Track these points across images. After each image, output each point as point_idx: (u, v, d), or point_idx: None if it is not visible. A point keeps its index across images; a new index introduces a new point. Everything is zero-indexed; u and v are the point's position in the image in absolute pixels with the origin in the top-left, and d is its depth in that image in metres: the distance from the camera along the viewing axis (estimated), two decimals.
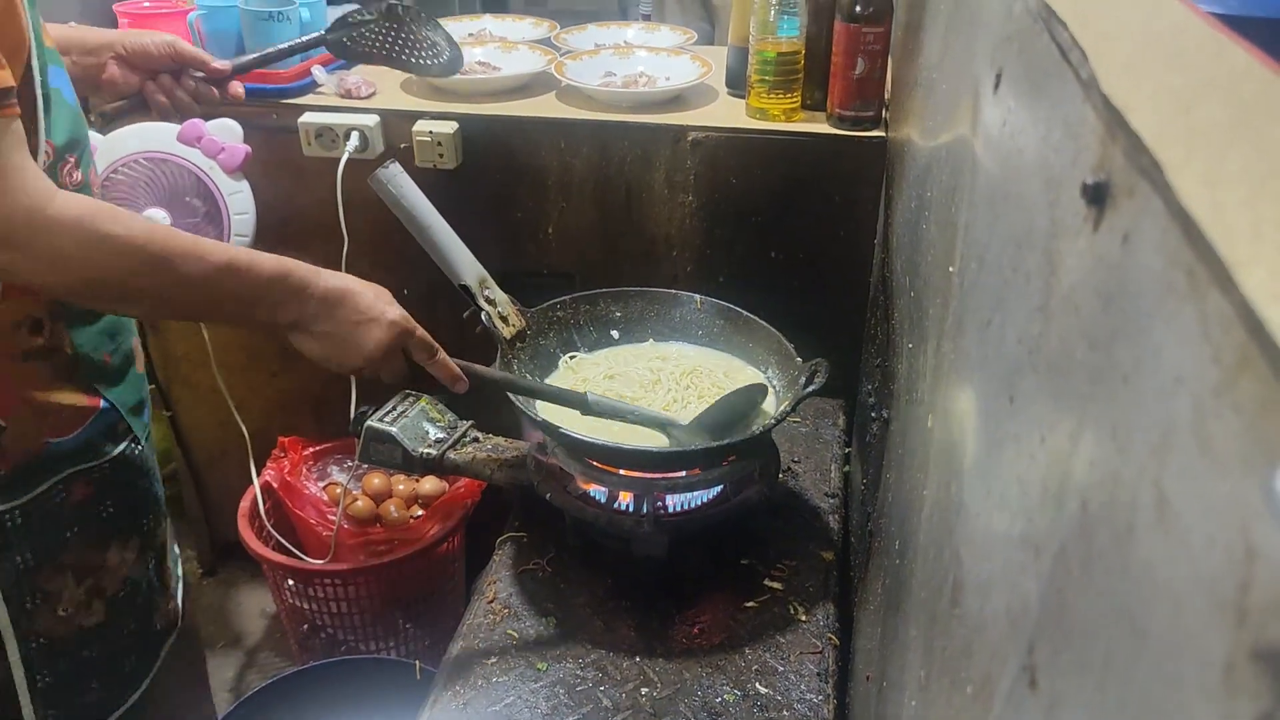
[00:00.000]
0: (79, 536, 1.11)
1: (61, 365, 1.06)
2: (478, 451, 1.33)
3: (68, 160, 1.02)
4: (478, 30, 2.14)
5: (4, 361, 1.01)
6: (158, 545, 1.24)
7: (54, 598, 1.10)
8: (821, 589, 1.27)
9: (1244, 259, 0.27)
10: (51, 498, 1.07)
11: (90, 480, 1.12)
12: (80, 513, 1.11)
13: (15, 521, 1.05)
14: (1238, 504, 0.24)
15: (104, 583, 1.15)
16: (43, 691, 1.12)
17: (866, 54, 1.58)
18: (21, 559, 1.06)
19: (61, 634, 1.12)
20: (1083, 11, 0.49)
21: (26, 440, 1.04)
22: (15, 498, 1.04)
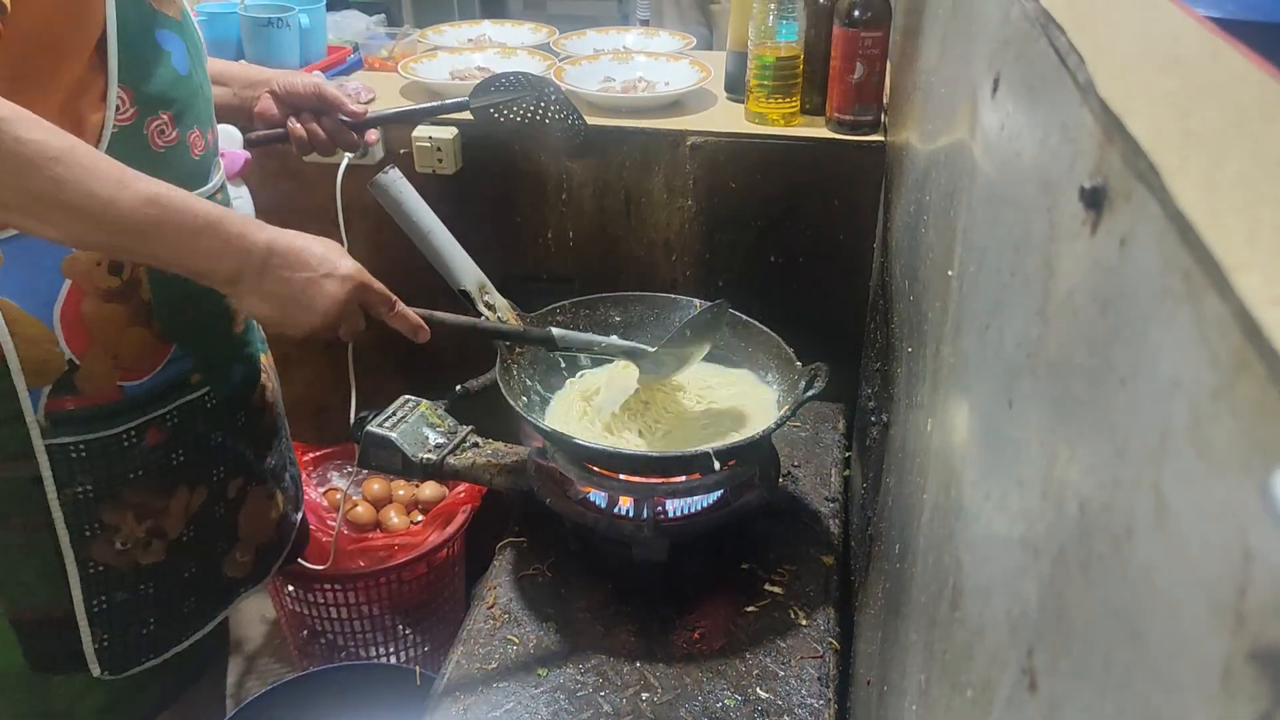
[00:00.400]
0: (143, 479, 1.15)
1: (138, 309, 1.10)
2: (477, 456, 1.33)
3: (159, 115, 1.06)
4: (477, 36, 2.14)
5: (88, 299, 1.06)
6: (229, 498, 1.27)
7: (112, 530, 1.14)
8: (822, 593, 1.27)
9: (1240, 263, 0.27)
10: (121, 440, 1.12)
11: (163, 428, 1.16)
12: (149, 457, 1.15)
13: (80, 453, 1.10)
14: (1235, 507, 0.25)
15: (165, 526, 1.19)
16: (99, 616, 1.16)
17: (865, 58, 1.58)
18: (82, 489, 1.11)
19: (119, 565, 1.16)
20: (1080, 16, 0.49)
21: (99, 379, 1.09)
22: (83, 433, 1.09)
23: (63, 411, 1.07)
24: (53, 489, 1.09)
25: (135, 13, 1.02)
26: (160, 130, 1.07)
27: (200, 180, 1.14)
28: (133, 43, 1.02)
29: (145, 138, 1.05)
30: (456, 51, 1.99)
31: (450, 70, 1.90)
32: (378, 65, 1.99)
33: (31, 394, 1.05)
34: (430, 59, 1.93)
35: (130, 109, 1.03)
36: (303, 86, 1.31)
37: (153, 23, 1.05)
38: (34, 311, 1.03)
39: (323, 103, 1.32)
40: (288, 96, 1.31)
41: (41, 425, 1.07)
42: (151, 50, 1.05)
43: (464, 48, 2.03)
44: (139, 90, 1.04)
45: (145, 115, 1.05)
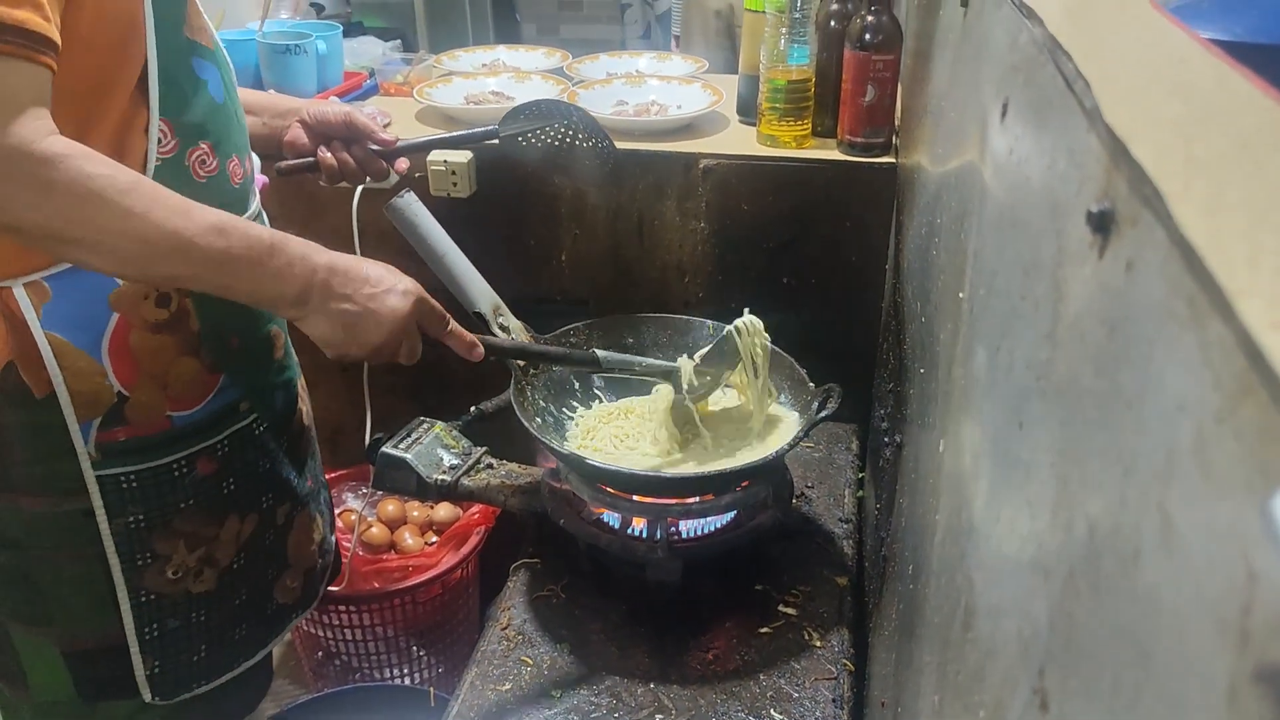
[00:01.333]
0: (195, 507, 1.16)
1: (187, 339, 1.12)
2: (491, 478, 1.33)
3: (199, 145, 1.08)
4: (491, 61, 2.16)
5: (135, 332, 1.07)
6: (278, 525, 1.28)
7: (164, 560, 1.15)
8: (836, 614, 1.27)
9: (1242, 288, 0.27)
10: (172, 470, 1.13)
11: (214, 457, 1.17)
12: (200, 486, 1.16)
13: (130, 484, 1.11)
14: (1239, 528, 0.25)
15: (217, 554, 1.20)
16: (150, 644, 1.17)
17: (876, 81, 1.59)
18: (134, 519, 1.12)
19: (171, 594, 1.17)
20: (1087, 42, 0.49)
21: (149, 410, 1.10)
22: (134, 464, 1.10)
23: (114, 443, 1.08)
24: (104, 519, 1.10)
25: (173, 44, 1.03)
26: (201, 160, 1.08)
27: (240, 208, 1.15)
28: (171, 75, 1.03)
29: (188, 169, 1.07)
30: (471, 76, 2.01)
31: (465, 95, 1.91)
32: (393, 90, 2.01)
33: (82, 427, 1.06)
34: (445, 84, 1.95)
35: (171, 140, 1.05)
36: (333, 115, 1.31)
37: (189, 52, 1.06)
38: (83, 345, 1.04)
39: (353, 131, 1.31)
40: (318, 125, 1.31)
41: (92, 457, 1.08)
42: (189, 81, 1.06)
43: (478, 72, 2.05)
44: (179, 121, 1.05)
45: (186, 146, 1.06)
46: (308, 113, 1.31)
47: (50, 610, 1.14)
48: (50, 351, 1.03)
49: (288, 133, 1.31)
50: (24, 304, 1.01)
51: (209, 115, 1.09)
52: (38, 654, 1.16)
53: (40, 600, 1.14)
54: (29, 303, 1.01)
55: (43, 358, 1.03)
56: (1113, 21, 0.56)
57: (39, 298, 1.02)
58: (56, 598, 1.13)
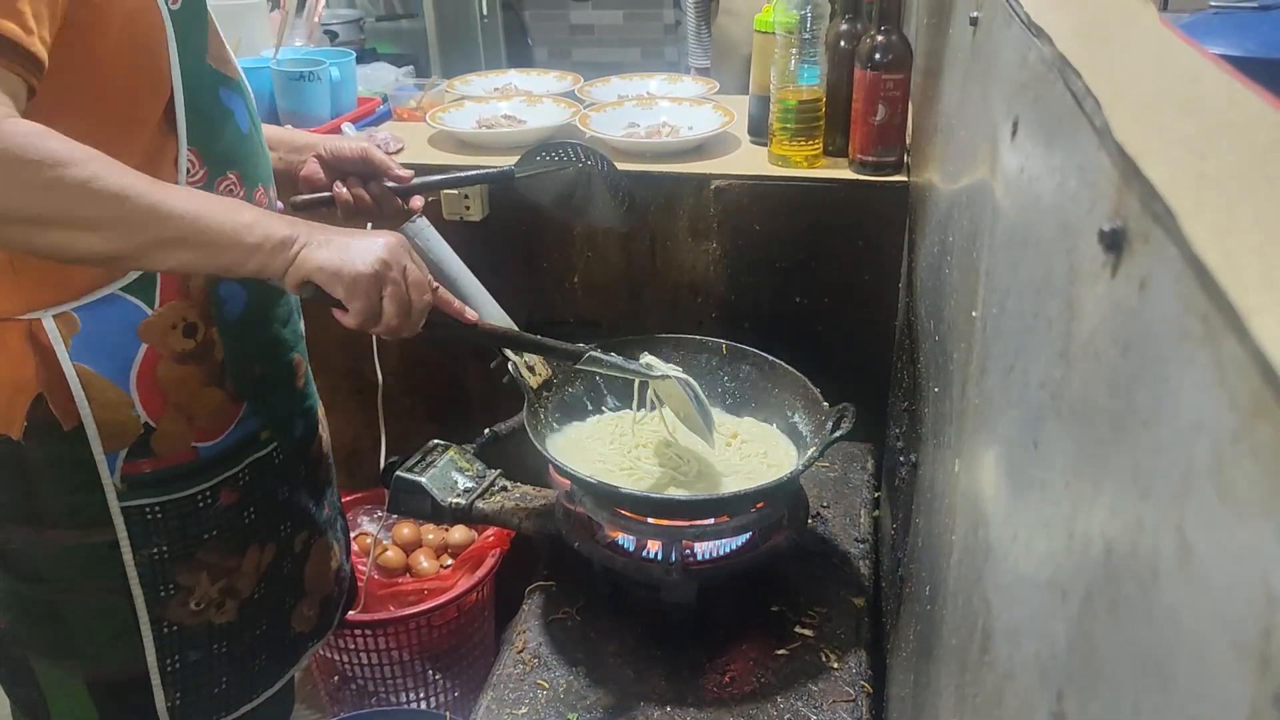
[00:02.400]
0: (217, 538, 1.17)
1: (212, 370, 1.12)
2: (506, 500, 1.33)
3: (227, 175, 1.09)
4: (503, 85, 2.18)
5: (163, 362, 1.08)
6: (295, 553, 1.28)
7: (187, 591, 1.16)
8: (853, 636, 1.26)
9: (1256, 306, 0.27)
10: (196, 501, 1.14)
11: (236, 487, 1.18)
12: (223, 517, 1.17)
13: (155, 515, 1.11)
14: (1258, 550, 0.25)
15: (238, 585, 1.20)
16: (172, 675, 1.17)
17: (887, 100, 1.60)
18: (158, 550, 1.12)
19: (193, 625, 1.17)
20: (1096, 60, 0.49)
21: (174, 441, 1.11)
22: (159, 495, 1.11)
23: (139, 474, 1.09)
24: (129, 551, 1.10)
25: (197, 72, 1.04)
26: (229, 190, 1.09)
27: None
28: (199, 104, 1.04)
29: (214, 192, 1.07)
30: (483, 100, 2.02)
31: (477, 119, 1.93)
32: (406, 115, 2.02)
33: (109, 458, 1.07)
34: (458, 108, 1.96)
35: (200, 170, 1.05)
36: (350, 150, 1.31)
37: (216, 82, 1.07)
38: (110, 376, 1.05)
39: (369, 167, 1.31)
40: (335, 160, 1.30)
41: (118, 488, 1.08)
42: (217, 110, 1.07)
43: (490, 96, 2.06)
44: (207, 150, 1.05)
45: (214, 176, 1.07)
46: (324, 148, 1.31)
47: (76, 642, 1.14)
48: (79, 383, 1.03)
49: (304, 168, 1.31)
50: (53, 335, 1.02)
51: (236, 145, 1.10)
52: (61, 687, 1.16)
53: (65, 633, 1.14)
54: (58, 334, 1.02)
55: (71, 389, 1.03)
56: (1122, 39, 0.56)
57: (68, 329, 1.02)
58: (82, 630, 1.13)
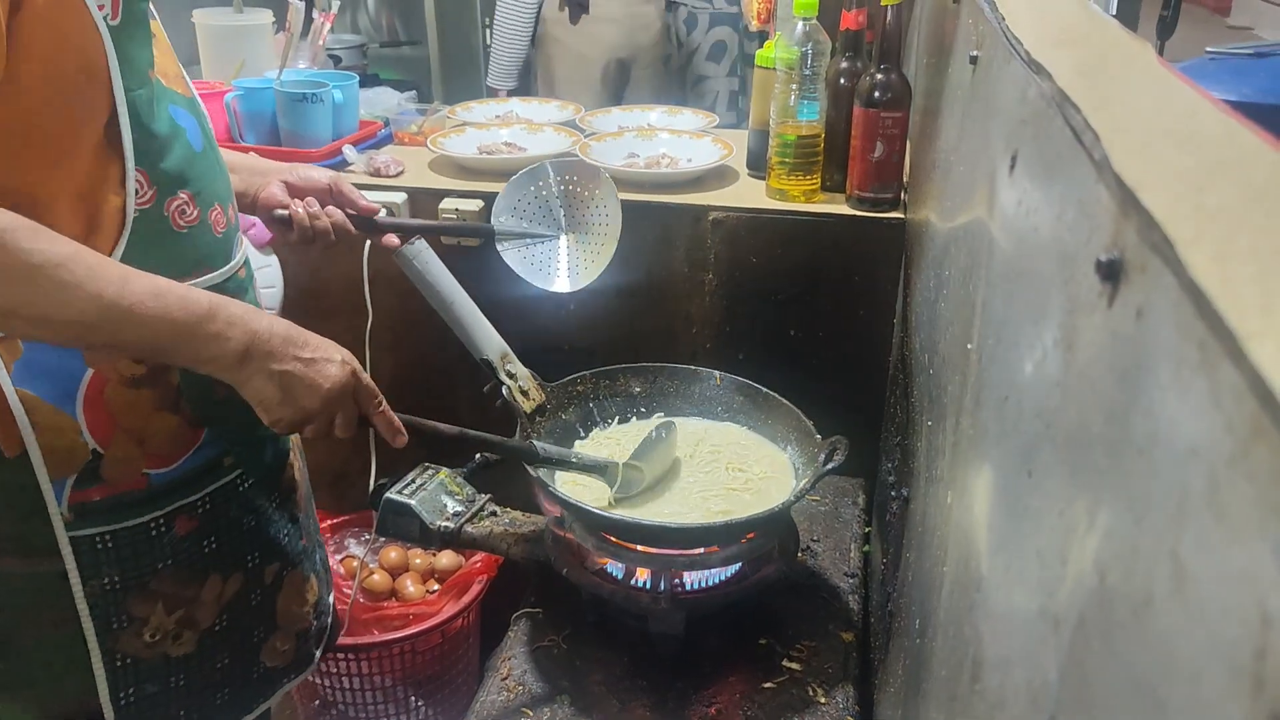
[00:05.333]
0: (174, 568, 1.12)
1: (166, 394, 1.08)
2: (495, 525, 1.33)
3: (178, 195, 1.04)
4: (504, 112, 2.19)
5: (111, 386, 1.03)
6: (266, 584, 1.23)
7: (140, 623, 1.11)
8: (841, 670, 1.25)
9: (1254, 331, 0.27)
10: (149, 529, 1.09)
11: (193, 515, 1.13)
12: (179, 546, 1.12)
13: (106, 545, 1.07)
14: (1253, 573, 0.25)
15: (197, 615, 1.16)
16: (126, 709, 1.13)
17: (885, 138, 1.61)
18: (109, 581, 1.08)
19: (148, 658, 1.13)
20: (1096, 96, 0.50)
21: (125, 469, 1.06)
22: (109, 523, 1.06)
23: (88, 502, 1.05)
24: (78, 582, 1.06)
25: (146, 92, 1.00)
26: (181, 210, 1.05)
27: (223, 259, 1.12)
28: (145, 122, 1.00)
29: (167, 219, 1.03)
30: (484, 127, 2.03)
31: (478, 145, 1.94)
32: (408, 140, 2.03)
33: (55, 485, 1.03)
34: (459, 134, 1.97)
35: (149, 190, 1.01)
36: (319, 178, 1.30)
37: (164, 99, 1.03)
38: (56, 401, 1.01)
39: (336, 199, 1.30)
40: (302, 185, 1.29)
41: (66, 518, 1.04)
42: (167, 127, 1.03)
43: (491, 123, 2.07)
44: (155, 170, 1.01)
45: (164, 196, 1.03)
46: (294, 174, 1.29)
47: (29, 675, 1.09)
48: (21, 409, 0.99)
49: (265, 190, 1.28)
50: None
51: (188, 163, 1.06)
52: None
53: (18, 665, 1.09)
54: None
55: (14, 415, 0.99)
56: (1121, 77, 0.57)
57: (10, 354, 0.98)
58: (34, 662, 1.09)
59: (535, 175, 1.43)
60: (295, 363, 1.01)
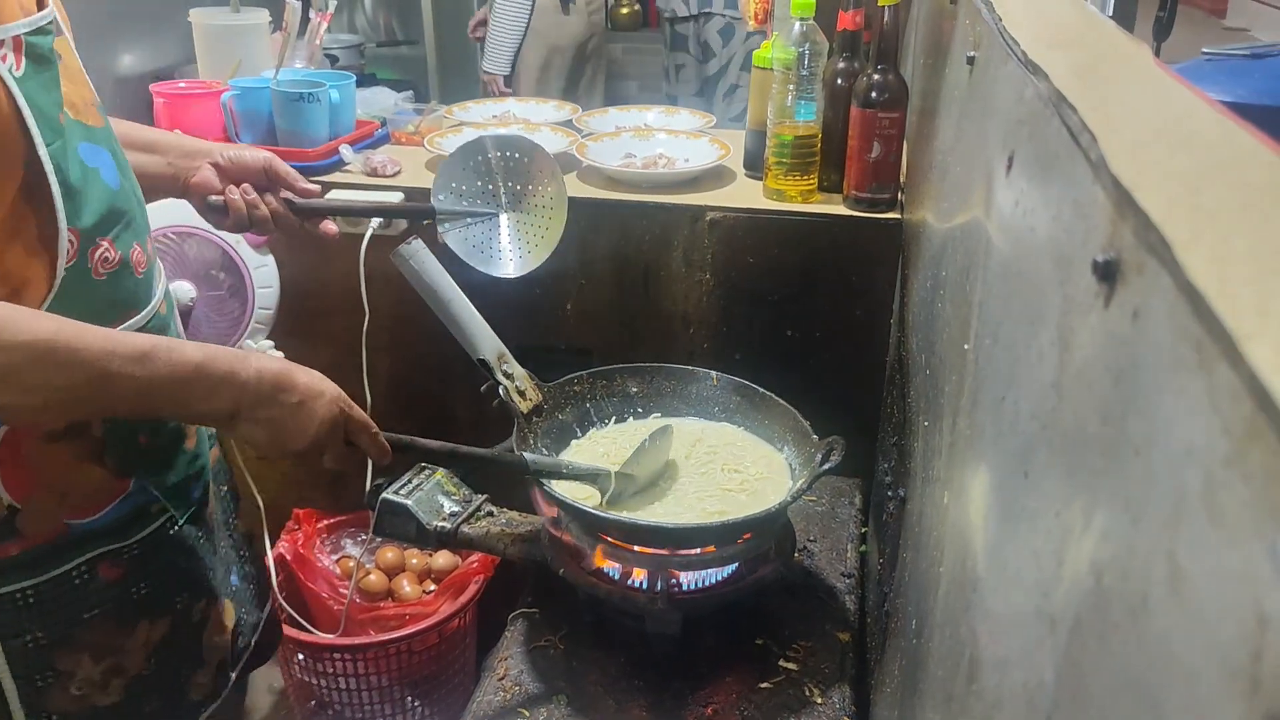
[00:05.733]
0: (101, 617, 1.06)
1: (88, 447, 1.02)
2: (491, 525, 1.33)
3: (99, 243, 0.99)
4: (501, 112, 2.19)
5: (27, 443, 0.98)
6: (195, 622, 1.18)
7: (67, 677, 1.05)
8: (838, 671, 1.25)
9: (1250, 332, 0.27)
10: (72, 578, 1.03)
11: (119, 561, 1.07)
12: (106, 593, 1.06)
13: (28, 600, 1.01)
14: (1249, 573, 0.25)
15: (125, 663, 1.10)
16: None
17: (882, 138, 1.61)
18: (32, 638, 1.02)
19: (75, 711, 1.07)
20: (1092, 96, 0.50)
21: (44, 521, 1.00)
22: (29, 577, 1.00)
23: (5, 559, 0.98)
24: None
25: (60, 143, 0.93)
26: (104, 258, 0.99)
27: (145, 299, 1.06)
28: (66, 175, 0.93)
29: (88, 270, 0.98)
30: (481, 127, 2.03)
31: None
32: (404, 140, 2.03)
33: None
34: (455, 134, 1.97)
35: (75, 246, 0.95)
36: (251, 159, 1.25)
37: (75, 138, 0.96)
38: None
39: (271, 179, 1.26)
40: (233, 168, 1.24)
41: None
42: (78, 175, 0.96)
43: (488, 123, 2.07)
44: (77, 222, 0.95)
45: (86, 246, 0.97)
46: (222, 155, 1.24)
47: None
48: None
49: (196, 174, 1.23)
50: None
51: (108, 205, 1.00)
52: None
53: None
54: None
55: None
56: (1118, 78, 0.57)
57: None
58: None
59: (473, 149, 1.40)
60: (284, 407, 1.00)
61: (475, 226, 1.40)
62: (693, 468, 1.36)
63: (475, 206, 1.40)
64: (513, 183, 1.42)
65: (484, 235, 1.41)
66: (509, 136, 1.46)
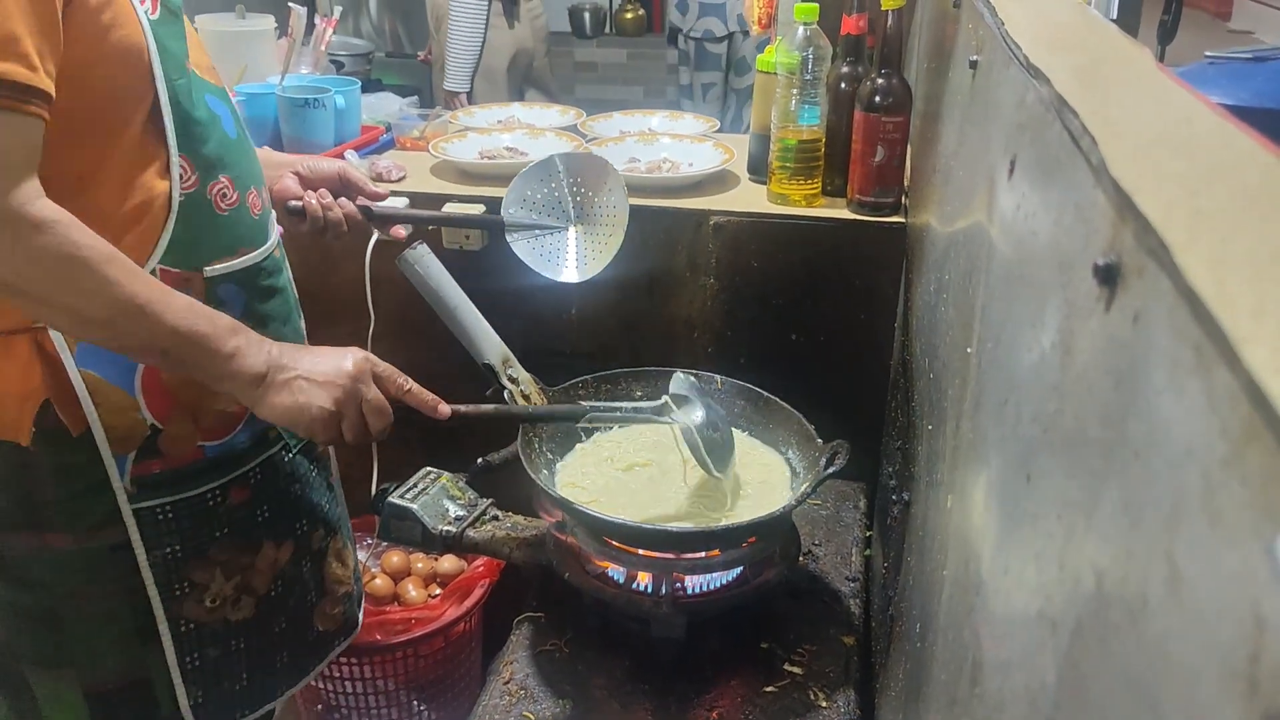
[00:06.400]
0: (230, 536, 1.19)
1: None
2: (497, 530, 1.33)
3: (219, 179, 1.10)
4: (506, 117, 2.19)
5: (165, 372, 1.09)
6: (314, 551, 1.31)
7: (201, 589, 1.17)
8: (842, 675, 1.25)
9: (1247, 335, 0.27)
10: (206, 500, 1.16)
11: (247, 485, 1.20)
12: (234, 515, 1.19)
13: (166, 515, 1.13)
14: (1246, 575, 0.25)
15: (254, 581, 1.22)
16: (192, 673, 1.19)
17: (886, 142, 1.61)
18: (170, 550, 1.14)
19: (209, 622, 1.19)
20: (1093, 100, 0.50)
21: (181, 442, 1.12)
22: (168, 495, 1.12)
23: (149, 475, 1.10)
24: (142, 552, 1.11)
25: (185, 81, 1.06)
26: (222, 194, 1.11)
27: (262, 238, 1.18)
28: (186, 109, 1.06)
29: (210, 202, 1.09)
30: (486, 132, 2.03)
31: (480, 150, 1.94)
32: (409, 145, 2.04)
33: (118, 461, 1.08)
34: (460, 139, 1.98)
35: (192, 176, 1.07)
36: (328, 168, 1.34)
37: (201, 89, 1.09)
38: (116, 381, 1.07)
39: (345, 186, 1.35)
40: (312, 176, 1.34)
41: (129, 491, 1.09)
42: (205, 114, 1.09)
43: (493, 128, 2.08)
44: (197, 156, 1.07)
45: (207, 180, 1.09)
46: (303, 165, 1.34)
47: (73, 650, 1.14)
48: (85, 389, 1.05)
49: (279, 182, 1.33)
50: (59, 344, 1.04)
51: (225, 149, 1.12)
52: (56, 698, 1.16)
53: (63, 640, 1.14)
54: (64, 343, 1.04)
55: (78, 395, 1.05)
56: (1119, 83, 0.57)
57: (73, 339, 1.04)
58: (80, 637, 1.14)
59: (545, 168, 1.47)
60: (302, 371, 1.06)
61: (544, 238, 1.47)
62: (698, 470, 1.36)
63: (545, 219, 1.47)
64: (580, 197, 1.48)
65: (552, 246, 1.48)
66: (579, 156, 1.53)
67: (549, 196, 1.47)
